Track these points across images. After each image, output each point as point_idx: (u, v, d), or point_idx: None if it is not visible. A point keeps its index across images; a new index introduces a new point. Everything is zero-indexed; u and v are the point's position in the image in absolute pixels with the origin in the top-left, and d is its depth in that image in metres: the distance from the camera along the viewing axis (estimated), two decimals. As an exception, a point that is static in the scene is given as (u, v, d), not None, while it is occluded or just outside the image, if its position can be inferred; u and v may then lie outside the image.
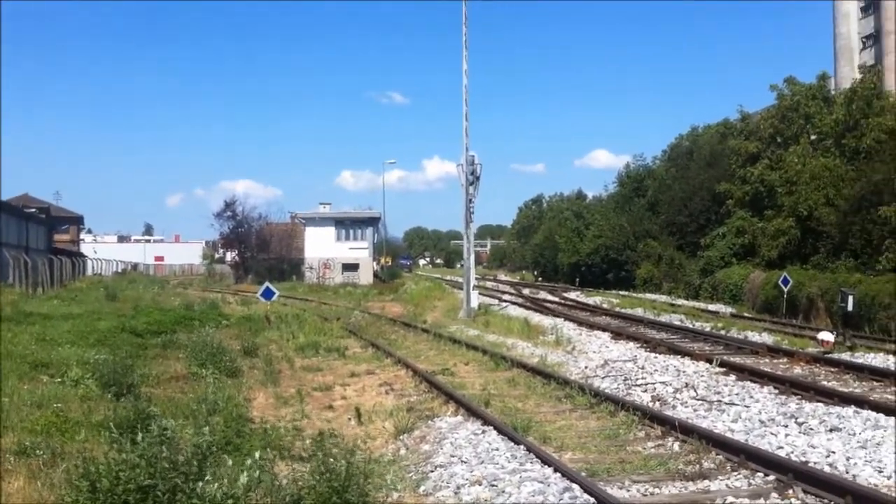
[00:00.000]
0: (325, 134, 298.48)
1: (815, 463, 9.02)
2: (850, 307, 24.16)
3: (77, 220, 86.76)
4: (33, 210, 63.23)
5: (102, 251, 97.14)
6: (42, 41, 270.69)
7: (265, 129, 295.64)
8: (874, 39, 61.20)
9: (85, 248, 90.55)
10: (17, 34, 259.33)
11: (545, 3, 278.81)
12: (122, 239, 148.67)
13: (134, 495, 6.11)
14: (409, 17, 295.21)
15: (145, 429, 7.05)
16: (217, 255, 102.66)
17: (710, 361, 16.83)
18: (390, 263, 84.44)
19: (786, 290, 32.86)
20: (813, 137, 43.51)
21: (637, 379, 15.32)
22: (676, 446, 10.15)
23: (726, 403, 12.63)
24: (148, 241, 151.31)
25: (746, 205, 45.65)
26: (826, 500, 7.80)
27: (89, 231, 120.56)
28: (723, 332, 24.21)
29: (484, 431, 10.66)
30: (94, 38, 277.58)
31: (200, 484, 6.14)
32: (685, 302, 41.23)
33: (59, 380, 12.99)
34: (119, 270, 78.17)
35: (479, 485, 8.26)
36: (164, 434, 6.75)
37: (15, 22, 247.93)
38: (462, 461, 9.25)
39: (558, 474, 8.45)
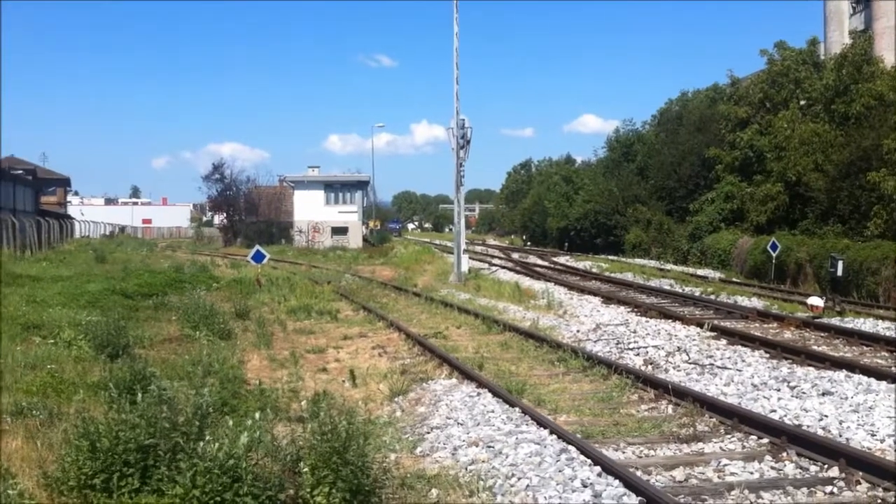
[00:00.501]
0: (312, 97, 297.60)
1: (808, 426, 9.09)
2: (839, 272, 24.27)
3: (64, 182, 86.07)
4: (20, 172, 62.69)
5: (90, 213, 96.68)
6: (31, 7, 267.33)
7: (252, 91, 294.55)
8: (864, 4, 60.84)
9: (72, 211, 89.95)
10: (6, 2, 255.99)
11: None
12: (110, 201, 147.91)
13: (134, 454, 6.13)
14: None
15: (144, 389, 7.05)
16: (205, 218, 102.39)
17: (701, 326, 16.90)
18: (380, 227, 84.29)
19: (774, 255, 32.97)
20: (802, 103, 43.41)
21: (629, 343, 15.38)
22: (670, 409, 10.23)
23: (718, 367, 12.70)
24: (135, 203, 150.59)
25: (735, 170, 45.64)
26: (820, 464, 7.88)
27: (76, 193, 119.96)
28: (712, 297, 24.30)
29: (479, 394, 10.71)
30: (83, 4, 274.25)
31: (201, 444, 6.15)
32: (674, 267, 41.36)
33: (52, 341, 12.99)
34: (107, 233, 77.83)
35: (476, 446, 8.31)
36: (164, 394, 6.75)
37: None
38: (458, 423, 9.30)
39: (554, 436, 8.51)
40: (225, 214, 73.21)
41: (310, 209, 65.80)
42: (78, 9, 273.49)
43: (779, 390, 10.79)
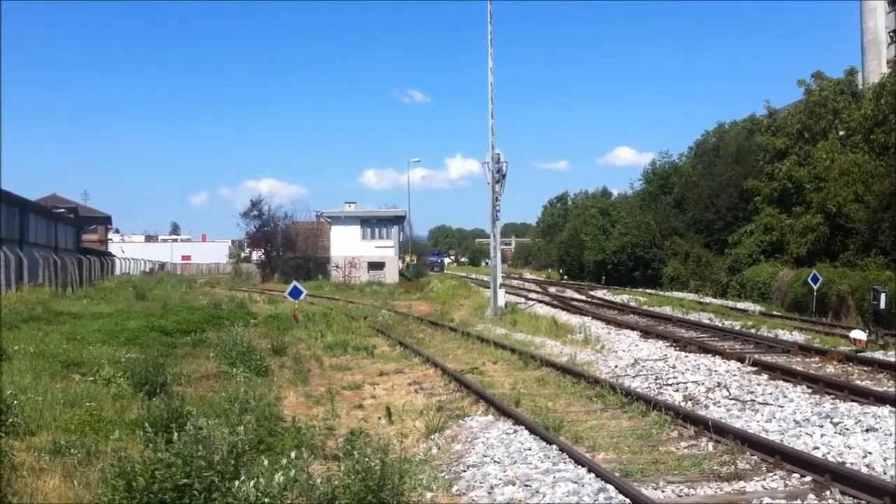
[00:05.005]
0: (347, 133, 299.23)
1: (852, 464, 8.92)
2: (882, 305, 23.86)
3: (105, 220, 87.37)
4: (62, 210, 63.75)
5: (130, 251, 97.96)
6: (71, 42, 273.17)
7: (288, 128, 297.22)
8: (903, 34, 60.52)
9: (113, 248, 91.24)
10: (45, 34, 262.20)
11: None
12: (150, 238, 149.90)
13: (170, 494, 6.14)
14: (430, 15, 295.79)
15: (180, 428, 7.07)
16: (243, 255, 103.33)
17: (741, 360, 16.68)
18: (416, 262, 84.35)
19: (815, 287, 32.52)
20: (841, 133, 42.99)
21: (668, 378, 15.20)
22: (710, 446, 10.07)
23: (760, 403, 12.51)
24: (175, 240, 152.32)
25: (774, 201, 45.26)
26: (864, 502, 7.70)
27: (117, 231, 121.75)
28: (753, 331, 23.98)
29: (515, 431, 10.61)
30: (121, 39, 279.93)
31: (236, 483, 6.15)
32: (713, 300, 40.93)
33: (92, 379, 13.09)
34: (147, 270, 78.76)
35: (513, 485, 8.22)
36: (200, 433, 6.76)
37: (42, 22, 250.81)
38: (495, 461, 9.22)
39: (592, 475, 8.40)
40: (263, 250, 73.86)
41: (346, 244, 66.20)
42: (119, 49, 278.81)
43: (822, 426, 10.59)
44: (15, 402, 9.66)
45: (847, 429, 10.34)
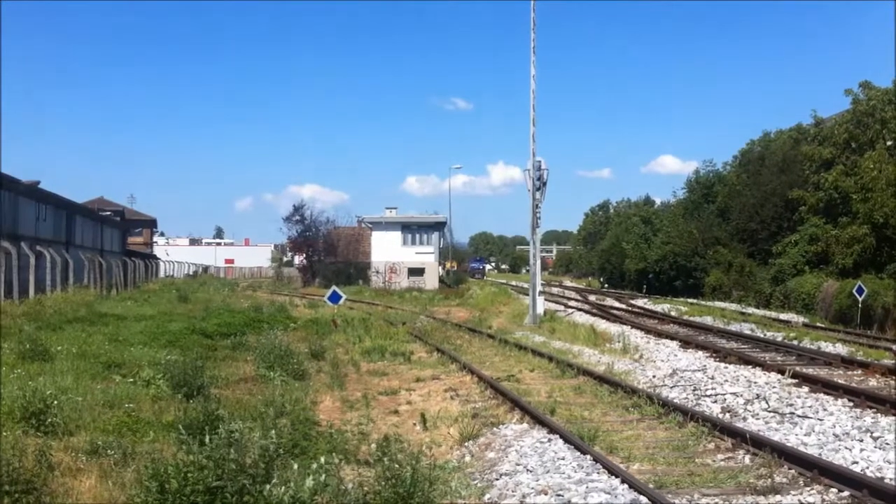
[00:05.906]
0: (390, 140, 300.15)
1: (891, 479, 8.74)
2: (928, 318, 23.41)
3: (150, 223, 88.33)
4: (108, 213, 64.64)
5: (174, 253, 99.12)
6: (117, 48, 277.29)
7: (332, 134, 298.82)
8: (955, 42, 59.42)
9: (157, 251, 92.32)
10: (95, 40, 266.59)
11: (611, 6, 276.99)
12: (194, 242, 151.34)
13: (202, 496, 6.18)
14: (473, 23, 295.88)
15: (214, 430, 7.12)
16: (285, 259, 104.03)
17: (782, 372, 16.45)
18: (456, 268, 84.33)
19: (860, 299, 32.01)
20: (889, 143, 42.34)
21: (706, 389, 15.03)
22: (747, 459, 9.93)
23: (799, 416, 12.32)
24: (219, 244, 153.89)
25: (820, 212, 44.67)
26: (904, 519, 7.56)
27: (162, 234, 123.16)
28: (795, 343, 23.62)
29: (550, 440, 10.56)
30: (167, 46, 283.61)
31: (267, 487, 6.18)
32: (756, 311, 40.37)
33: (132, 380, 13.27)
34: (190, 273, 79.52)
35: (545, 494, 8.18)
36: (232, 436, 6.80)
37: (93, 27, 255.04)
38: (528, 470, 9.18)
39: (626, 486, 8.33)
40: (304, 255, 74.38)
41: (387, 250, 66.46)
42: (166, 56, 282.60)
43: (861, 441, 10.41)
44: (55, 402, 9.81)
45: (887, 443, 10.15)
